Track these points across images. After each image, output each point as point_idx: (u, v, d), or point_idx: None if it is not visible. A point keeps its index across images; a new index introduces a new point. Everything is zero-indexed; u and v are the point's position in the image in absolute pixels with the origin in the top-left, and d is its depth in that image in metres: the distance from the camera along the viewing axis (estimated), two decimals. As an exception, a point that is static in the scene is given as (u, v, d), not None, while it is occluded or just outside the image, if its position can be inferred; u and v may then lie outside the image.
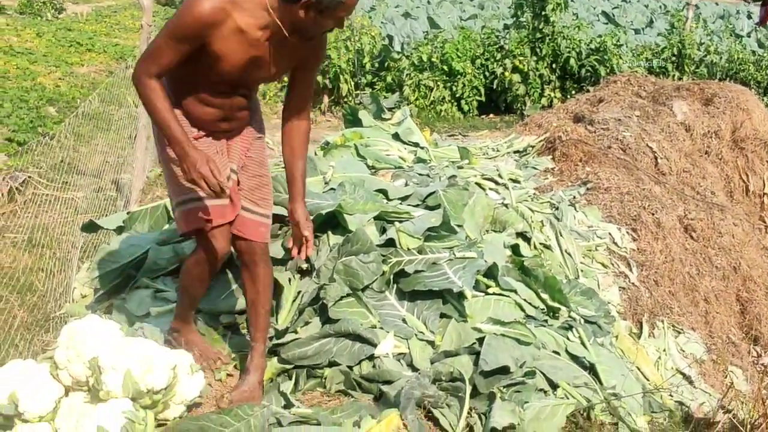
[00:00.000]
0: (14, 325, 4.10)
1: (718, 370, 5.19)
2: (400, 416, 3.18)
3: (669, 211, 6.09)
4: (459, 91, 10.97)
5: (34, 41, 13.96)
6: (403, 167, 5.56)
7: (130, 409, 2.86)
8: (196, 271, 3.44)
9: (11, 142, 7.76)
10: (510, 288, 4.08)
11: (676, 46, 11.74)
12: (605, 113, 7.61)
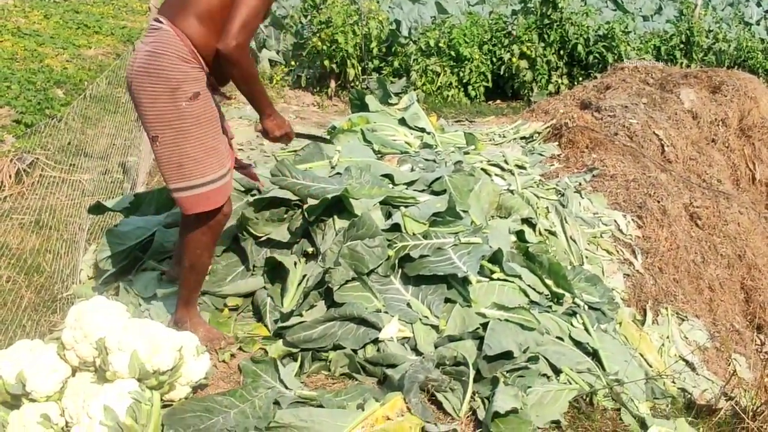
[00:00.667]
0: (22, 305, 4.11)
1: (722, 357, 5.20)
2: (404, 399, 3.19)
3: (675, 199, 6.09)
4: (466, 77, 10.94)
5: (41, 23, 13.93)
6: (410, 152, 5.57)
7: (136, 389, 2.88)
8: (204, 240, 3.47)
9: (19, 124, 7.77)
10: (514, 274, 4.07)
11: (684, 33, 11.68)
12: (612, 100, 7.61)
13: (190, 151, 3.30)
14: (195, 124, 3.29)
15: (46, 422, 2.86)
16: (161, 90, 3.23)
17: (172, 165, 3.32)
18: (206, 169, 3.32)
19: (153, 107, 3.26)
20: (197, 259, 3.52)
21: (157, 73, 3.22)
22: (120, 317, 3.11)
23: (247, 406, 3.09)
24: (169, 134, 3.28)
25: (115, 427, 2.75)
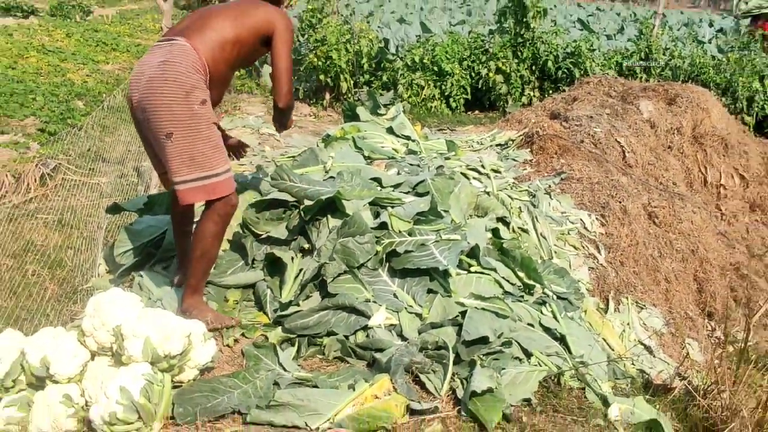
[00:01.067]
0: (46, 296, 4.12)
1: (676, 342, 5.21)
2: (391, 380, 3.21)
3: (634, 200, 6.11)
4: (448, 90, 10.94)
5: (64, 41, 13.89)
6: (396, 158, 5.57)
7: (149, 372, 2.89)
8: (215, 229, 3.52)
9: (43, 132, 7.75)
10: (490, 267, 4.10)
11: (643, 50, 11.71)
12: (579, 111, 7.62)
13: (201, 147, 3.38)
14: (204, 124, 3.40)
15: (67, 402, 2.87)
16: (177, 93, 3.32)
17: (184, 159, 3.37)
18: (214, 163, 3.42)
19: (169, 108, 3.33)
20: (208, 248, 3.55)
21: (174, 78, 3.32)
22: (134, 307, 3.12)
23: (249, 387, 3.10)
24: (182, 132, 3.35)
25: (130, 405, 2.76)
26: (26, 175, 6.07)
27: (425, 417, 3.10)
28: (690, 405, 3.85)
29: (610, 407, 3.43)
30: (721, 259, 6.50)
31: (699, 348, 5.31)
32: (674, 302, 5.71)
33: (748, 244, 7.10)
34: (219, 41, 3.46)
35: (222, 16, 3.54)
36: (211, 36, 3.45)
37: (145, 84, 3.37)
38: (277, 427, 2.97)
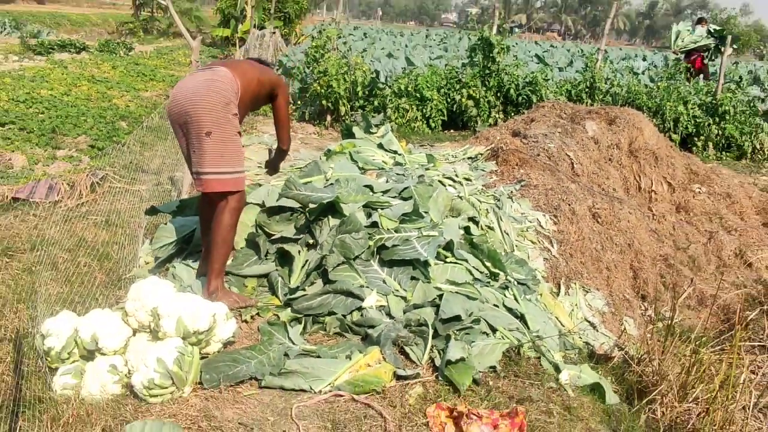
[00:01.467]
0: (95, 284, 4.10)
1: (615, 319, 5.23)
2: (381, 351, 3.22)
3: (581, 203, 6.12)
4: (428, 113, 10.97)
5: (110, 72, 13.87)
6: (385, 169, 5.56)
7: (181, 345, 2.89)
8: (233, 219, 3.64)
9: (93, 148, 7.73)
10: (462, 258, 4.11)
11: (588, 80, 11.76)
12: (535, 130, 7.64)
13: (230, 147, 3.55)
14: (235, 131, 3.59)
15: (113, 370, 2.87)
16: (218, 102, 3.50)
17: (216, 154, 3.52)
18: (236, 162, 3.59)
19: (211, 113, 3.48)
20: (227, 235, 3.63)
21: (217, 90, 3.51)
22: (169, 292, 3.12)
23: (264, 357, 3.10)
24: (219, 133, 3.51)
25: (165, 373, 2.76)
26: (79, 183, 6.05)
27: (409, 381, 3.11)
28: (626, 371, 3.88)
29: (561, 373, 3.44)
30: (652, 252, 6.52)
31: (634, 324, 5.33)
32: (614, 287, 5.72)
33: (674, 239, 7.11)
34: (249, 78, 3.71)
35: (251, 65, 3.87)
36: (245, 74, 3.69)
37: (191, 95, 3.52)
38: (287, 390, 2.98)
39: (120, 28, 30.04)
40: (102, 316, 3.05)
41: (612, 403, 3.42)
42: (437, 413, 2.83)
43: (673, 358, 3.86)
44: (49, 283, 3.91)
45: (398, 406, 2.92)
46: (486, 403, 3.01)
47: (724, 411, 3.29)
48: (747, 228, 7.58)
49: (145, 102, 11.32)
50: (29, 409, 2.64)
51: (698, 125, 11.01)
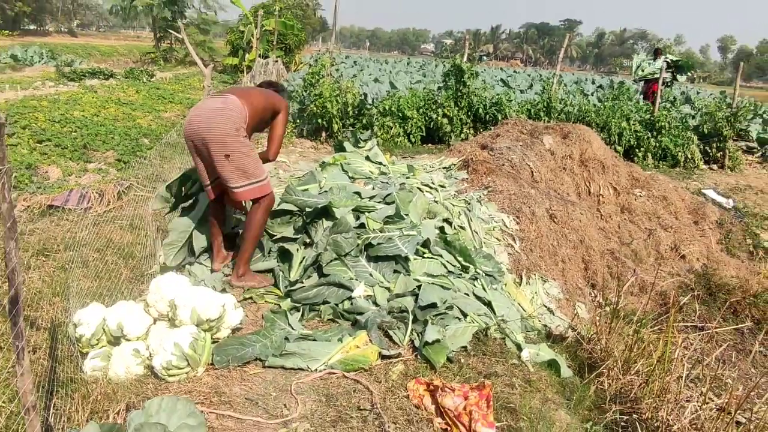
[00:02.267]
0: (121, 279, 4.07)
1: (569, 304, 5.25)
2: (368, 335, 3.22)
3: (540, 205, 6.14)
4: (409, 129, 10.97)
5: (134, 96, 13.74)
6: (372, 178, 5.57)
7: (195, 331, 2.88)
8: (264, 218, 3.72)
9: (119, 161, 7.66)
10: (438, 254, 4.13)
11: (546, 101, 11.77)
12: (500, 143, 7.66)
13: (250, 162, 3.56)
14: (249, 149, 3.59)
15: (137, 354, 2.85)
16: (230, 128, 3.50)
17: (240, 171, 3.54)
18: (258, 172, 3.62)
19: (225, 137, 3.49)
20: (258, 231, 3.71)
21: (228, 116, 3.51)
22: (184, 285, 3.11)
23: (267, 341, 3.10)
24: (237, 154, 3.52)
25: (182, 356, 2.75)
26: (107, 192, 6.00)
27: (392, 360, 3.12)
28: (578, 349, 3.90)
29: (522, 351, 3.46)
30: (601, 246, 6.55)
31: (585, 309, 5.36)
32: (568, 277, 5.75)
33: (619, 235, 7.15)
34: (256, 105, 3.69)
35: (260, 93, 3.84)
36: (252, 101, 3.67)
37: (206, 121, 3.51)
38: (287, 369, 2.97)
39: (143, 57, 29.80)
40: (126, 307, 3.03)
41: (566, 377, 3.44)
42: (416, 387, 2.83)
43: (617, 337, 3.89)
44: (80, 279, 3.88)
45: (383, 382, 2.92)
46: (458, 378, 3.02)
47: (661, 382, 3.32)
48: (681, 226, 7.64)
49: (165, 121, 11.23)
50: (63, 388, 2.62)
51: (639, 138, 11.08)
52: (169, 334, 2.85)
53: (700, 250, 7.47)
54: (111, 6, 30.75)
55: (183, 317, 2.92)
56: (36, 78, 16.61)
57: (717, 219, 8.08)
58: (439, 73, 19.46)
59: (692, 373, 3.51)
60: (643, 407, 3.23)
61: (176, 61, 29.20)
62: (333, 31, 13.16)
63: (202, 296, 3.02)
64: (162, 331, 2.94)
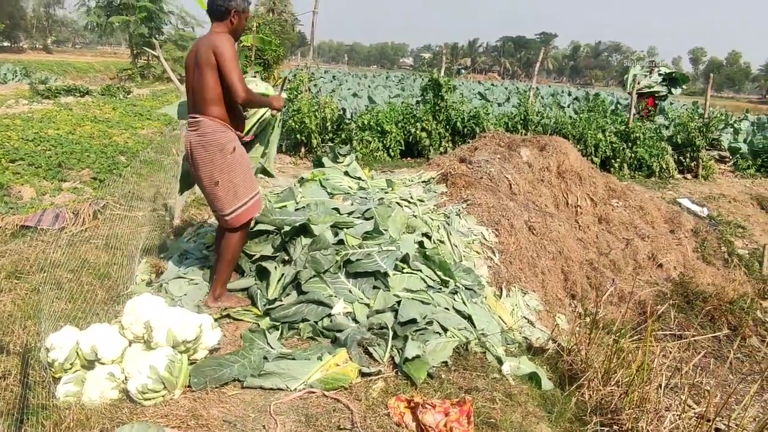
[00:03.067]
0: (96, 300, 3.99)
1: (550, 316, 5.27)
2: (348, 352, 3.19)
3: (518, 218, 6.18)
4: (388, 144, 11.00)
5: (111, 113, 13.63)
6: (350, 193, 5.56)
7: (171, 353, 2.84)
8: (242, 240, 3.64)
9: (95, 180, 7.57)
10: (417, 269, 4.11)
11: (522, 113, 11.89)
12: (479, 156, 7.70)
13: (240, 182, 3.46)
14: (238, 166, 3.46)
15: (111, 377, 2.79)
16: (215, 152, 3.41)
17: (230, 196, 3.46)
18: (249, 190, 3.52)
19: (212, 164, 3.41)
20: (236, 252, 3.64)
21: (209, 144, 3.40)
22: (160, 306, 3.06)
23: (245, 361, 3.05)
24: (225, 177, 3.43)
25: (158, 378, 2.70)
26: (82, 211, 5.91)
27: (372, 377, 3.09)
28: (559, 360, 3.90)
29: (503, 365, 3.46)
30: (579, 257, 6.60)
31: (565, 320, 5.36)
32: (548, 288, 5.77)
33: (597, 246, 7.21)
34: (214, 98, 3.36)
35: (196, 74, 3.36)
36: (209, 99, 3.35)
37: (192, 152, 3.45)
38: (266, 389, 2.93)
39: (120, 74, 29.58)
40: (101, 330, 2.97)
41: (547, 389, 3.44)
42: (397, 404, 2.81)
43: (597, 348, 3.90)
44: (54, 302, 3.79)
45: (363, 400, 2.90)
46: (439, 394, 3.00)
47: (641, 392, 3.33)
48: (657, 235, 7.74)
49: (142, 138, 11.14)
50: (34, 415, 2.55)
51: (615, 149, 11.23)
52: (145, 357, 2.80)
53: (676, 258, 7.57)
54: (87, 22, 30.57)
55: (159, 339, 2.87)
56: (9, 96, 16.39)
57: (692, 228, 8.21)
58: (417, 87, 19.60)
59: (671, 381, 3.52)
60: (623, 418, 3.24)
61: (154, 78, 29.03)
62: (311, 46, 13.21)
63: (179, 317, 2.97)
64: (137, 354, 2.89)
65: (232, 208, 3.47)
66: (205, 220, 5.92)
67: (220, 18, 3.40)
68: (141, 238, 5.07)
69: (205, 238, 4.68)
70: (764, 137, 13.46)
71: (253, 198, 3.53)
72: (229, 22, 3.41)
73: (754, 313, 6.90)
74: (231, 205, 3.46)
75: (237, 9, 3.39)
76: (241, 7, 3.41)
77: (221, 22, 3.41)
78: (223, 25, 3.41)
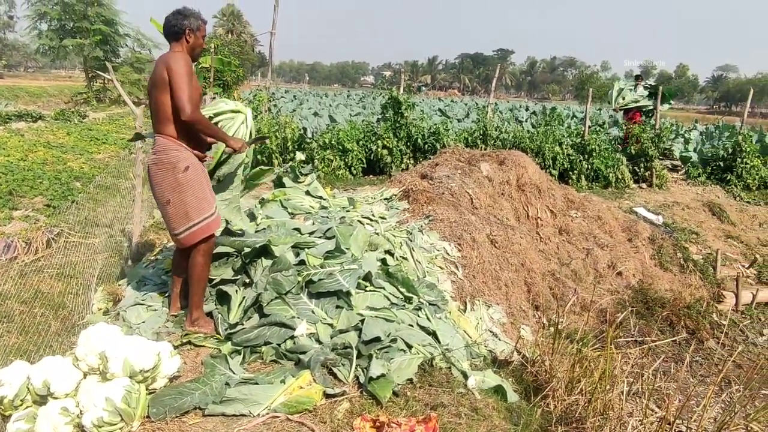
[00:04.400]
0: (50, 332, 3.87)
1: (514, 328, 5.31)
2: (311, 374, 3.15)
3: (480, 231, 6.24)
4: (349, 162, 10.98)
5: (65, 138, 13.29)
6: (311, 213, 5.54)
7: (128, 384, 2.75)
8: (205, 260, 3.57)
9: (49, 207, 7.36)
10: (380, 286, 4.11)
11: (482, 129, 11.99)
12: (440, 172, 7.78)
13: (191, 202, 3.42)
14: (190, 186, 3.43)
15: (65, 412, 2.69)
16: (166, 172, 3.40)
17: (181, 215, 3.43)
18: (202, 210, 3.46)
19: (164, 183, 3.41)
20: (201, 274, 3.57)
21: (161, 162, 3.41)
22: (116, 336, 2.97)
23: (207, 388, 2.99)
24: (176, 197, 3.41)
25: (114, 411, 2.61)
26: (35, 240, 5.73)
27: (337, 398, 3.05)
28: (524, 372, 3.93)
29: (468, 379, 3.46)
30: (542, 268, 6.69)
31: (530, 331, 5.42)
32: (512, 300, 5.82)
33: (558, 256, 7.33)
34: (169, 116, 3.39)
35: (153, 93, 3.39)
36: (164, 118, 3.40)
37: (148, 170, 3.49)
38: (229, 416, 2.87)
39: (75, 98, 28.91)
40: (53, 363, 2.86)
41: (513, 401, 3.46)
42: (362, 425, 2.78)
43: (561, 357, 3.94)
44: (4, 335, 3.66)
45: (328, 422, 2.86)
46: (405, 412, 2.98)
47: (604, 399, 3.38)
48: (616, 244, 7.91)
49: (98, 163, 10.88)
50: (-18, 457, 2.43)
51: (572, 162, 11.47)
52: (101, 389, 2.70)
53: (635, 266, 7.75)
54: (38, 46, 29.86)
55: (115, 369, 2.78)
56: (-43, 123, 15.83)
57: (649, 235, 8.43)
58: (378, 105, 19.73)
59: (633, 387, 3.58)
60: (587, 426, 3.27)
61: (110, 101, 28.49)
62: (270, 66, 13.19)
63: (135, 346, 2.89)
64: (93, 386, 2.79)
65: (182, 228, 3.44)
66: (164, 244, 5.80)
67: (176, 38, 3.48)
68: (97, 265, 4.94)
69: (164, 263, 4.59)
70: (713, 146, 13.98)
71: (205, 219, 3.47)
72: (185, 41, 3.49)
73: (710, 317, 7.11)
74: (182, 225, 3.44)
75: (191, 28, 3.48)
76: (194, 26, 3.49)
77: (177, 42, 3.49)
78: (179, 45, 3.49)
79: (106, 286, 4.58)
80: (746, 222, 10.27)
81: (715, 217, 10.18)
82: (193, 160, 3.48)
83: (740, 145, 12.48)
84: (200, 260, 3.54)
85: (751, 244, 9.37)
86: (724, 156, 12.71)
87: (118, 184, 8.26)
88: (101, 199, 7.57)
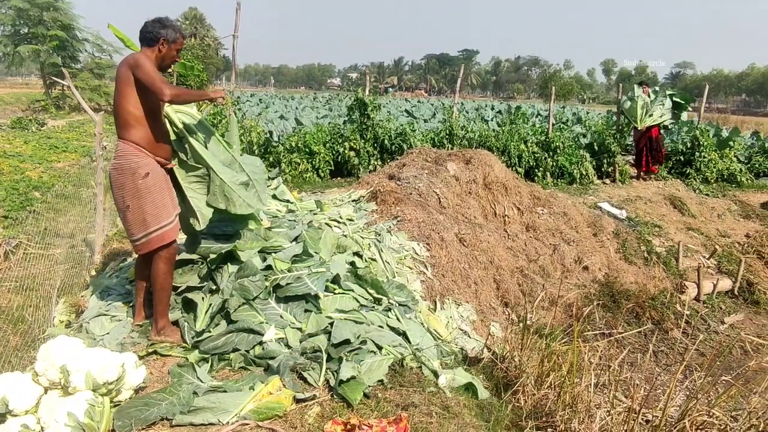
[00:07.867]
0: (9, 347, 3.74)
1: (484, 325, 5.35)
2: (281, 379, 3.13)
3: (449, 231, 6.28)
4: (317, 164, 10.91)
5: (22, 147, 12.90)
6: (279, 216, 5.50)
7: (91, 397, 2.69)
8: (168, 267, 3.52)
9: (6, 218, 7.13)
10: (349, 288, 4.10)
11: (448, 129, 12.03)
12: (407, 173, 7.81)
13: (148, 210, 3.38)
14: (149, 193, 3.40)
15: (25, 429, 2.61)
16: (126, 176, 3.37)
17: (138, 222, 3.39)
18: (160, 218, 3.42)
19: (123, 188, 3.38)
20: (164, 282, 3.52)
21: (121, 167, 3.38)
22: (77, 348, 2.90)
23: (174, 398, 2.93)
24: (135, 203, 3.38)
25: (77, 426, 2.55)
26: (-9, 253, 5.55)
27: (307, 403, 3.03)
28: (494, 368, 3.96)
29: (439, 378, 3.48)
30: (510, 265, 6.77)
31: (500, 327, 5.46)
32: (481, 298, 5.87)
33: (526, 253, 7.41)
34: (130, 120, 3.38)
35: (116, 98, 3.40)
36: (126, 122, 3.38)
37: (110, 174, 3.45)
38: (197, 426, 2.82)
39: (32, 105, 28.10)
40: (11, 379, 2.77)
41: (483, 398, 3.49)
42: (333, 428, 2.76)
43: (530, 353, 3.99)
44: (-40, 353, 3.53)
45: (299, 427, 2.83)
46: (376, 414, 2.98)
47: (572, 392, 3.43)
48: (582, 239, 8.05)
49: (58, 172, 10.59)
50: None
51: (537, 159, 11.62)
52: (62, 404, 2.63)
53: (601, 260, 7.89)
54: (-9, 53, 28.97)
55: (77, 383, 2.71)
56: None
57: (613, 230, 8.60)
58: (345, 107, 19.70)
59: (601, 379, 3.64)
60: (557, 420, 3.32)
61: (70, 108, 27.78)
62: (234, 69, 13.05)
63: (98, 358, 2.82)
64: (54, 401, 2.71)
65: (140, 234, 3.41)
66: (129, 253, 5.68)
67: (149, 44, 3.47)
68: (59, 276, 4.81)
69: (128, 272, 4.49)
70: (672, 141, 14.32)
71: (162, 228, 3.42)
72: (158, 49, 3.48)
73: (674, 307, 7.28)
74: (139, 231, 3.41)
75: (166, 38, 3.47)
76: (171, 38, 3.49)
77: (149, 48, 3.48)
78: (150, 51, 3.47)
79: (68, 297, 4.47)
80: (706, 214, 10.57)
81: (676, 210, 10.45)
82: (155, 166, 3.44)
83: (698, 139, 12.82)
84: (162, 267, 3.49)
85: (710, 236, 9.64)
86: (683, 150, 13.04)
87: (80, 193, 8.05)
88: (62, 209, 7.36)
